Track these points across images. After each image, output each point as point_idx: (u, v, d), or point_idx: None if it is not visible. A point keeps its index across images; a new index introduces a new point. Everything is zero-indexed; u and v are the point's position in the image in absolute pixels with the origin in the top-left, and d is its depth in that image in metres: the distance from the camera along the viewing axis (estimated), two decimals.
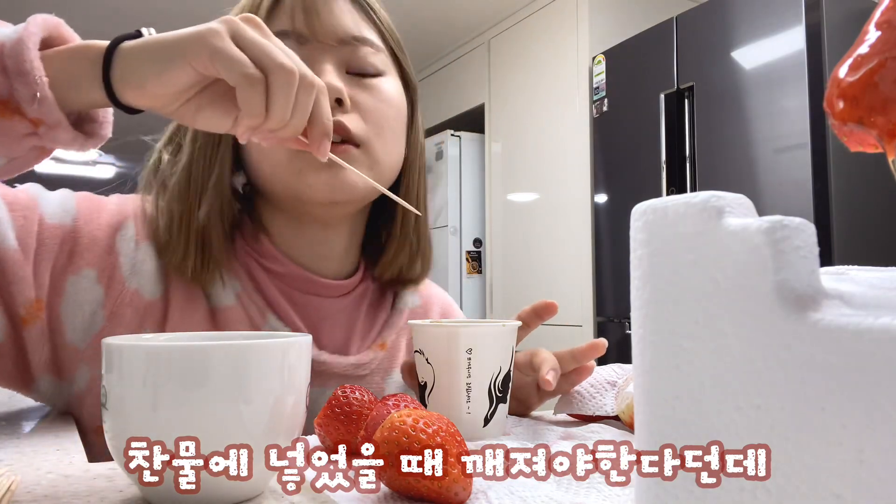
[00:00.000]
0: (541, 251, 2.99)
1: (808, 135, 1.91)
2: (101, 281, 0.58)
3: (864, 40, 0.23)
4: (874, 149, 0.23)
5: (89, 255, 0.58)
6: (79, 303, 0.57)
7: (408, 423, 0.34)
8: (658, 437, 0.25)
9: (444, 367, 0.51)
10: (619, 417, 0.57)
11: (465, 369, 0.50)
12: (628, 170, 2.52)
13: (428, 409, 0.51)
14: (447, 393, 0.51)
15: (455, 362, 0.50)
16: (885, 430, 0.19)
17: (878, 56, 0.22)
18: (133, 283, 0.59)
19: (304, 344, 0.37)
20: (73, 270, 0.57)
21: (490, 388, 0.51)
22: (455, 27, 3.41)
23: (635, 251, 0.27)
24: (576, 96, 2.79)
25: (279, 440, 0.35)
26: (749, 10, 2.09)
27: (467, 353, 0.50)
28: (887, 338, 0.19)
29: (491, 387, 0.51)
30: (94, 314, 0.57)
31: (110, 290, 0.58)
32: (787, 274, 0.22)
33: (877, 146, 0.23)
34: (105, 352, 0.34)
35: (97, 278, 0.58)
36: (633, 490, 0.28)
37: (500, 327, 0.53)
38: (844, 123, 0.23)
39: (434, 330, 0.52)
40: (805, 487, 0.21)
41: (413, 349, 0.55)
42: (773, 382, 0.22)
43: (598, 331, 2.66)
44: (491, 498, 0.35)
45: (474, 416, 0.51)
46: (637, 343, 0.27)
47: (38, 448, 0.46)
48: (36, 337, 0.55)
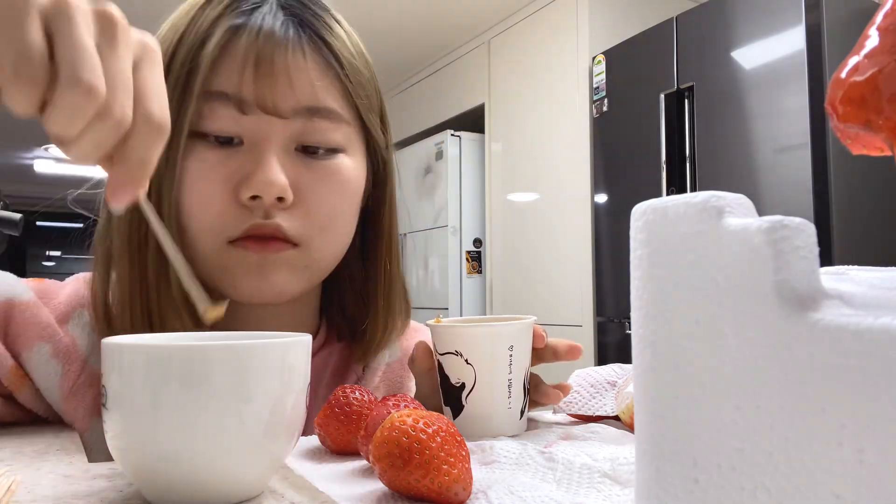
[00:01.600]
0: (541, 251, 2.99)
1: (808, 135, 1.91)
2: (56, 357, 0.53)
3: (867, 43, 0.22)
4: (879, 152, 0.23)
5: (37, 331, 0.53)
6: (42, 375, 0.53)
7: (408, 423, 0.34)
8: (658, 437, 0.25)
9: (487, 365, 0.52)
10: (619, 417, 0.57)
11: (508, 366, 0.52)
12: (628, 170, 2.52)
13: (466, 409, 0.52)
14: (490, 390, 0.52)
15: (499, 360, 0.52)
16: (885, 430, 0.19)
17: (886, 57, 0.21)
18: (95, 361, 0.54)
19: (304, 344, 0.37)
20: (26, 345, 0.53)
21: (524, 382, 0.54)
22: (455, 27, 3.41)
23: (635, 251, 0.27)
24: (576, 96, 2.79)
25: (279, 440, 0.35)
26: (749, 10, 2.09)
27: (509, 350, 0.52)
28: (887, 338, 0.19)
29: (524, 381, 0.54)
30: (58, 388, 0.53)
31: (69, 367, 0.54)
32: (787, 274, 0.22)
33: (883, 149, 0.22)
34: (105, 352, 0.34)
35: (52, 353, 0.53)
36: (633, 490, 0.28)
37: (529, 323, 0.54)
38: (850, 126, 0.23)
39: (475, 330, 0.52)
40: (805, 487, 0.21)
41: (439, 353, 0.53)
42: (773, 382, 0.22)
43: (598, 331, 2.66)
44: (491, 498, 0.35)
45: (514, 410, 0.53)
46: (637, 343, 0.27)
47: (38, 448, 0.46)
48: (31, 399, 0.54)
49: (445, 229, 3.47)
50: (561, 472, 0.40)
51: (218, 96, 0.52)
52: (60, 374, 0.53)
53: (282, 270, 0.55)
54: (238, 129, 0.53)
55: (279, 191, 0.52)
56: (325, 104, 0.55)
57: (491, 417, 0.52)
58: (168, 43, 0.54)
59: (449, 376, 0.53)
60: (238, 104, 0.52)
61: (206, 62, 0.52)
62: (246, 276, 0.54)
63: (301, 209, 0.55)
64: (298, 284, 0.57)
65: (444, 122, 3.75)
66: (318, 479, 0.39)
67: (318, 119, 0.55)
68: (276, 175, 0.52)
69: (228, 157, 0.53)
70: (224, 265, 0.54)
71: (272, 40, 0.53)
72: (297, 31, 0.54)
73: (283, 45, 0.53)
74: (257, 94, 0.52)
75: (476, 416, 0.52)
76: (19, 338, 0.52)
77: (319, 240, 0.56)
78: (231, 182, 0.53)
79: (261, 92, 0.52)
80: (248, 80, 0.52)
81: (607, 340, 2.62)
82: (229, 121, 0.53)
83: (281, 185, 0.52)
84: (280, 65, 0.53)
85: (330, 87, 0.55)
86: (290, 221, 0.54)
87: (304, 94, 0.54)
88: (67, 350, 0.54)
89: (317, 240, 0.56)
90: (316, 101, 0.54)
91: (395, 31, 3.35)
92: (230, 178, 0.53)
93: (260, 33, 0.53)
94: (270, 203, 0.52)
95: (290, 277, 0.56)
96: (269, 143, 0.53)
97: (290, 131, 0.54)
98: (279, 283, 0.55)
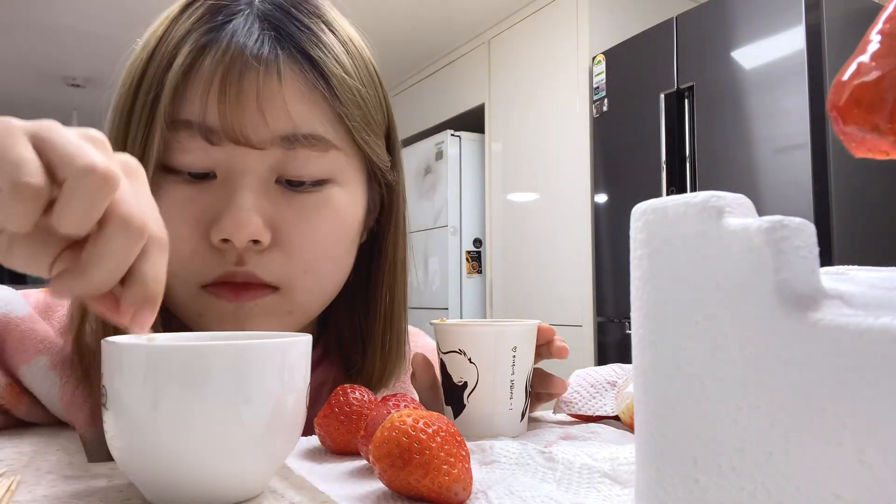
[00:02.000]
0: (541, 251, 2.99)
1: (808, 135, 1.91)
2: (53, 369, 0.52)
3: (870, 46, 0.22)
4: (885, 155, 0.23)
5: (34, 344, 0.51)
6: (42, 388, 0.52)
7: (408, 423, 0.34)
8: (658, 437, 0.25)
9: (490, 365, 0.52)
10: (619, 417, 0.57)
11: (510, 367, 0.52)
12: (628, 170, 2.52)
13: (468, 408, 0.52)
14: (492, 390, 0.52)
15: (502, 360, 0.52)
16: (885, 430, 0.19)
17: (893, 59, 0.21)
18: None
19: (304, 344, 0.37)
20: (24, 360, 0.51)
21: (526, 385, 0.54)
22: (455, 27, 3.41)
23: (635, 251, 0.27)
24: (576, 96, 2.79)
25: (279, 440, 0.35)
26: (749, 10, 2.09)
27: (512, 351, 0.52)
28: (887, 338, 0.19)
29: (526, 382, 0.54)
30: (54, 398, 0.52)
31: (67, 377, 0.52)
32: (787, 274, 0.22)
33: (889, 153, 0.22)
34: (105, 352, 0.34)
35: (50, 365, 0.52)
36: (633, 490, 0.28)
37: (533, 325, 0.54)
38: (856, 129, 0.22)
39: (479, 329, 0.52)
40: (805, 487, 0.21)
41: (442, 352, 0.53)
42: (773, 382, 0.22)
43: (598, 331, 2.66)
44: (491, 498, 0.35)
45: (515, 411, 0.53)
46: (637, 343, 0.27)
47: (38, 448, 0.46)
48: (28, 413, 0.53)
49: (445, 229, 3.47)
50: (561, 472, 0.40)
51: (184, 125, 0.47)
52: (59, 386, 0.52)
53: (262, 318, 0.50)
54: (209, 162, 0.48)
55: (251, 234, 0.47)
56: (307, 130, 0.48)
57: (492, 417, 0.52)
58: (137, 63, 0.49)
59: (451, 375, 0.53)
60: (205, 134, 0.47)
61: (168, 87, 0.46)
62: (221, 325, 0.49)
63: (281, 251, 0.49)
64: (279, 328, 0.52)
65: (444, 122, 3.75)
66: (318, 479, 0.39)
67: (300, 148, 0.48)
68: (246, 216, 0.46)
69: (200, 192, 0.48)
70: (199, 311, 0.50)
71: (241, 59, 0.47)
72: (273, 47, 0.48)
73: (254, 65, 0.47)
74: (224, 123, 0.46)
75: (477, 416, 0.52)
76: (17, 353, 0.51)
77: (303, 283, 0.51)
78: (202, 222, 0.48)
79: (227, 120, 0.46)
80: (212, 105, 0.46)
81: (607, 340, 2.62)
82: (199, 153, 0.48)
83: (252, 228, 0.46)
84: (249, 87, 0.46)
85: (314, 111, 0.49)
86: (266, 267, 0.49)
87: (279, 122, 0.47)
88: (66, 360, 0.53)
89: (300, 283, 0.51)
90: (294, 129, 0.48)
91: (394, 32, 3.35)
92: (201, 217, 0.48)
93: (228, 51, 0.47)
94: (243, 247, 0.47)
95: (270, 324, 0.51)
96: (243, 178, 0.47)
97: (267, 163, 0.48)
98: (259, 328, 0.50)
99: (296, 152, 0.48)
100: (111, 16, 3.15)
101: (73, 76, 3.93)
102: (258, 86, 0.47)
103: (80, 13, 3.11)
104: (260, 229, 0.47)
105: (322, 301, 0.55)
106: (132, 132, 0.48)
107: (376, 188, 0.58)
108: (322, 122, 0.49)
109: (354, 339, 0.60)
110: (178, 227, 0.47)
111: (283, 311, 0.52)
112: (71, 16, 3.13)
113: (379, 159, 0.55)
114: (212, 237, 0.48)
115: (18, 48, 3.51)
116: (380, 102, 0.55)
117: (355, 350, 0.60)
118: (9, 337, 0.51)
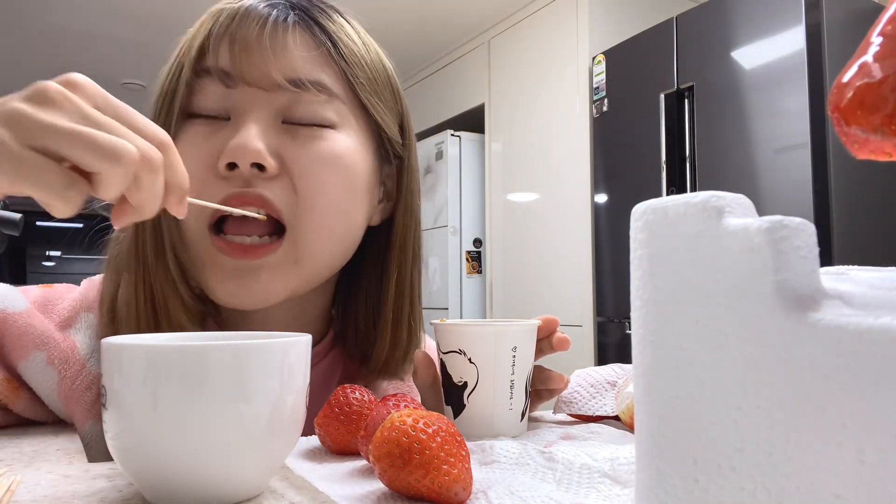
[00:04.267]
0: (541, 251, 2.99)
1: (808, 135, 1.91)
2: (51, 363, 0.52)
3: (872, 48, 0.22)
4: (887, 157, 0.22)
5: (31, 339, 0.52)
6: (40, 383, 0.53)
7: (408, 423, 0.34)
8: (658, 438, 0.25)
9: (489, 365, 0.52)
10: (619, 417, 0.57)
11: (510, 367, 0.52)
12: (628, 170, 2.52)
13: (468, 408, 0.52)
14: (492, 390, 0.52)
15: (502, 360, 0.52)
16: (885, 430, 0.19)
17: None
18: (94, 364, 0.53)
19: (304, 344, 0.37)
20: (22, 356, 0.52)
21: (526, 385, 0.54)
22: (455, 27, 3.41)
23: (635, 251, 0.27)
24: (576, 96, 2.79)
25: (279, 440, 0.35)
26: (749, 10, 2.09)
27: (512, 351, 0.52)
28: (887, 338, 0.19)
29: (526, 382, 0.54)
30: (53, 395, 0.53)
31: (66, 372, 0.53)
32: (787, 274, 0.22)
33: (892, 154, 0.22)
34: (105, 352, 0.34)
35: (47, 360, 0.52)
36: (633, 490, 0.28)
37: (534, 325, 0.54)
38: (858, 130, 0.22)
39: (479, 329, 0.52)
40: (805, 487, 0.21)
41: (442, 352, 0.53)
42: (773, 382, 0.22)
43: (598, 331, 2.66)
44: (491, 498, 0.35)
45: (515, 411, 0.53)
46: (637, 343, 0.27)
47: (38, 448, 0.46)
48: (27, 409, 0.53)
49: (445, 229, 3.47)
50: (561, 472, 0.40)
51: (205, 73, 0.52)
52: (57, 381, 0.52)
53: (268, 273, 0.52)
54: (226, 104, 0.53)
55: (255, 156, 0.49)
56: (312, 77, 0.53)
57: (492, 417, 0.52)
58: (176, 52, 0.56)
59: (451, 375, 0.53)
60: (222, 78, 0.52)
61: (195, 44, 0.53)
62: (224, 283, 0.52)
63: (286, 182, 0.52)
64: (287, 285, 0.53)
65: (444, 122, 3.75)
66: (318, 479, 0.39)
67: (305, 93, 0.53)
68: (251, 140, 0.49)
69: (213, 132, 0.52)
70: (202, 262, 0.52)
71: (257, 15, 0.53)
72: (284, 11, 0.54)
73: (267, 21, 0.53)
74: (236, 66, 0.52)
75: (477, 416, 0.52)
76: (14, 349, 0.52)
77: (309, 221, 0.52)
78: (212, 155, 0.51)
79: (240, 63, 0.52)
80: (230, 53, 0.52)
81: (607, 340, 2.62)
82: (217, 97, 0.53)
83: (256, 150, 0.49)
84: (262, 38, 0.52)
85: (319, 62, 0.54)
86: (274, 192, 0.51)
87: (287, 66, 0.52)
88: (64, 355, 0.53)
89: (306, 221, 0.52)
90: (299, 73, 0.52)
91: (394, 32, 3.34)
92: (211, 152, 0.52)
93: (247, 13, 0.53)
94: (249, 172, 0.50)
95: (277, 279, 0.52)
96: (251, 114, 0.52)
97: (275, 104, 0.52)
98: (262, 288, 0.52)
99: (300, 95, 0.53)
100: (111, 16, 3.15)
101: None
102: (266, 34, 0.52)
103: (80, 13, 3.11)
104: (263, 154, 0.50)
105: (327, 255, 0.55)
106: (162, 90, 0.54)
107: (389, 161, 0.60)
108: (328, 74, 0.54)
109: (368, 326, 0.62)
110: (190, 162, 0.49)
111: (290, 261, 0.53)
112: (71, 16, 3.13)
113: (387, 127, 0.58)
114: (218, 164, 0.51)
115: (18, 48, 3.51)
116: (392, 89, 0.59)
117: (368, 336, 0.62)
118: (7, 332, 0.52)
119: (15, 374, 0.53)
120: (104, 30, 3.29)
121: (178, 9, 3.01)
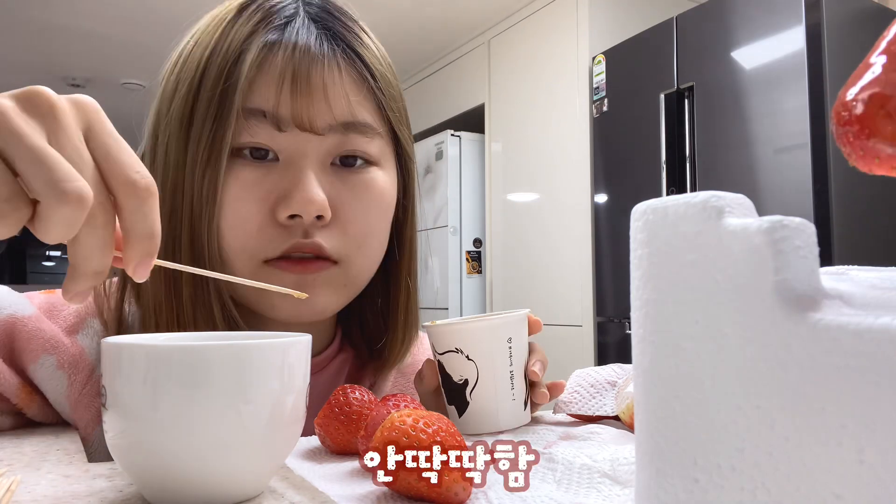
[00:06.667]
0: (541, 251, 2.99)
1: (808, 135, 1.91)
2: (61, 367, 0.52)
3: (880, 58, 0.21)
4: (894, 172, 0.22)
5: (41, 343, 0.52)
6: (50, 387, 0.53)
7: (408, 423, 0.34)
8: (658, 437, 0.25)
9: (488, 359, 0.52)
10: (619, 417, 0.57)
11: (508, 358, 0.53)
12: (628, 170, 2.52)
13: (472, 405, 0.52)
14: (494, 383, 0.52)
15: (499, 352, 0.52)
16: (885, 430, 0.19)
17: None
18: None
19: (304, 344, 0.37)
20: (32, 359, 0.52)
21: (525, 373, 0.54)
22: (455, 27, 3.41)
23: (635, 251, 0.27)
24: (576, 96, 2.79)
25: (279, 440, 0.35)
26: (749, 10, 2.09)
27: (508, 342, 0.53)
28: (887, 338, 0.19)
29: (525, 371, 0.54)
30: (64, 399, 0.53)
31: (75, 377, 0.53)
32: (787, 274, 0.22)
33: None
34: (105, 352, 0.34)
35: (57, 364, 0.52)
36: (633, 490, 0.28)
37: (524, 315, 0.55)
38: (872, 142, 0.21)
39: (473, 325, 0.53)
40: (805, 487, 0.21)
41: (438, 353, 0.54)
42: (773, 382, 0.22)
43: (598, 331, 2.66)
44: (491, 498, 0.35)
45: (518, 401, 0.53)
46: (637, 343, 0.27)
47: (38, 448, 0.46)
48: (40, 414, 0.54)
49: (445, 229, 3.47)
50: (561, 472, 0.40)
51: (254, 113, 0.52)
52: (67, 385, 0.53)
53: (322, 289, 0.54)
54: (274, 146, 0.53)
55: (319, 209, 0.51)
56: (360, 118, 0.54)
57: (497, 411, 0.52)
58: (196, 61, 0.53)
59: (451, 375, 0.53)
60: (275, 121, 0.52)
61: (244, 80, 0.51)
62: (286, 299, 0.51)
63: (339, 226, 0.54)
64: (338, 302, 0.56)
65: (444, 122, 3.75)
66: (318, 479, 0.39)
67: (354, 134, 0.54)
68: (315, 193, 0.51)
69: (265, 175, 0.52)
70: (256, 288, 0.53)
71: (308, 56, 0.52)
72: (331, 44, 0.54)
73: (319, 60, 0.52)
74: (294, 111, 0.51)
75: (482, 411, 0.52)
76: (25, 352, 0.52)
77: (357, 256, 0.56)
78: (268, 201, 0.52)
79: (297, 109, 0.52)
80: (285, 97, 0.51)
81: (607, 340, 2.62)
82: (265, 137, 0.52)
83: (320, 203, 0.51)
84: (316, 81, 0.52)
85: (364, 101, 0.55)
86: (329, 240, 0.54)
87: (340, 110, 0.53)
88: (74, 360, 0.53)
89: (355, 256, 0.55)
90: (352, 116, 0.54)
91: (394, 32, 3.34)
92: (266, 197, 0.52)
93: (296, 49, 0.52)
94: (310, 222, 0.52)
95: (330, 296, 0.55)
96: (307, 160, 0.52)
97: (326, 147, 0.54)
98: (320, 302, 0.54)
99: (349, 137, 0.54)
100: (111, 16, 3.15)
101: (73, 76, 3.93)
102: (324, 78, 0.53)
103: (80, 13, 3.11)
104: (326, 205, 0.52)
105: (369, 274, 0.59)
106: (198, 121, 0.52)
107: (403, 176, 0.63)
108: (370, 111, 0.56)
109: (377, 324, 0.64)
110: (244, 206, 0.52)
111: (340, 284, 0.56)
112: (71, 16, 3.13)
113: (409, 147, 0.61)
114: (279, 214, 0.52)
115: (18, 48, 3.51)
116: (401, 95, 0.61)
117: (377, 333, 0.64)
118: (17, 337, 0.52)
119: (27, 380, 0.53)
120: (104, 30, 3.29)
121: (178, 9, 3.01)
